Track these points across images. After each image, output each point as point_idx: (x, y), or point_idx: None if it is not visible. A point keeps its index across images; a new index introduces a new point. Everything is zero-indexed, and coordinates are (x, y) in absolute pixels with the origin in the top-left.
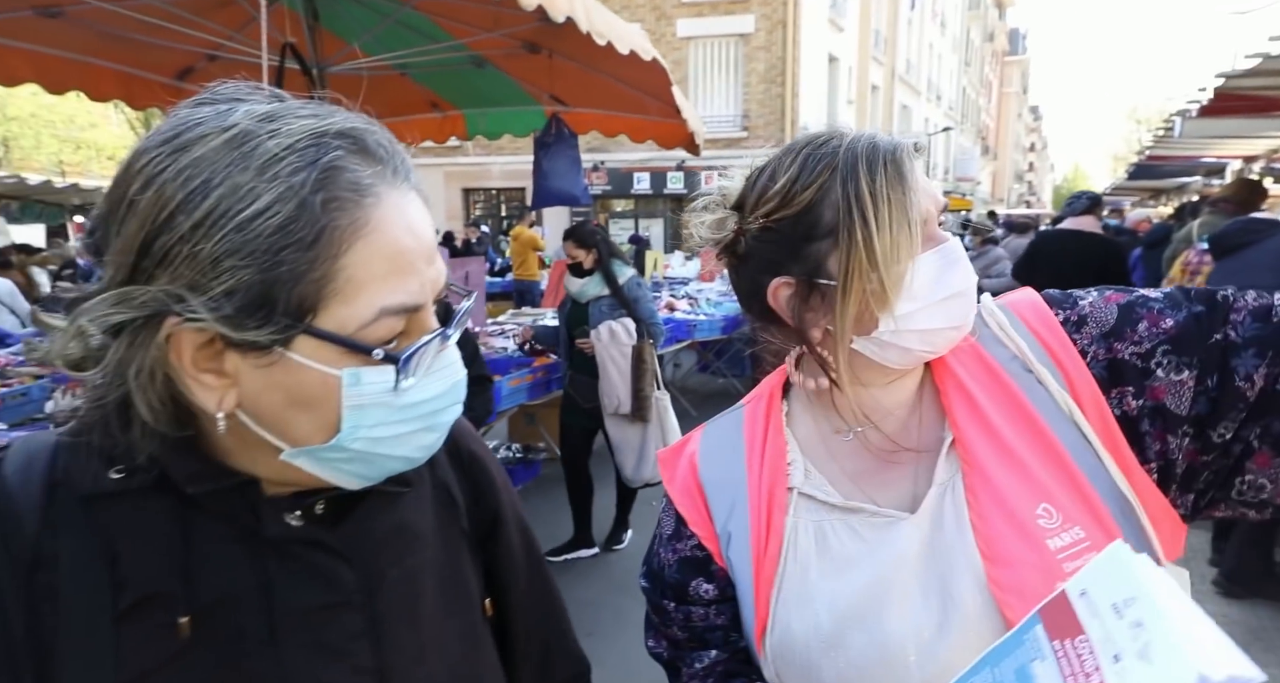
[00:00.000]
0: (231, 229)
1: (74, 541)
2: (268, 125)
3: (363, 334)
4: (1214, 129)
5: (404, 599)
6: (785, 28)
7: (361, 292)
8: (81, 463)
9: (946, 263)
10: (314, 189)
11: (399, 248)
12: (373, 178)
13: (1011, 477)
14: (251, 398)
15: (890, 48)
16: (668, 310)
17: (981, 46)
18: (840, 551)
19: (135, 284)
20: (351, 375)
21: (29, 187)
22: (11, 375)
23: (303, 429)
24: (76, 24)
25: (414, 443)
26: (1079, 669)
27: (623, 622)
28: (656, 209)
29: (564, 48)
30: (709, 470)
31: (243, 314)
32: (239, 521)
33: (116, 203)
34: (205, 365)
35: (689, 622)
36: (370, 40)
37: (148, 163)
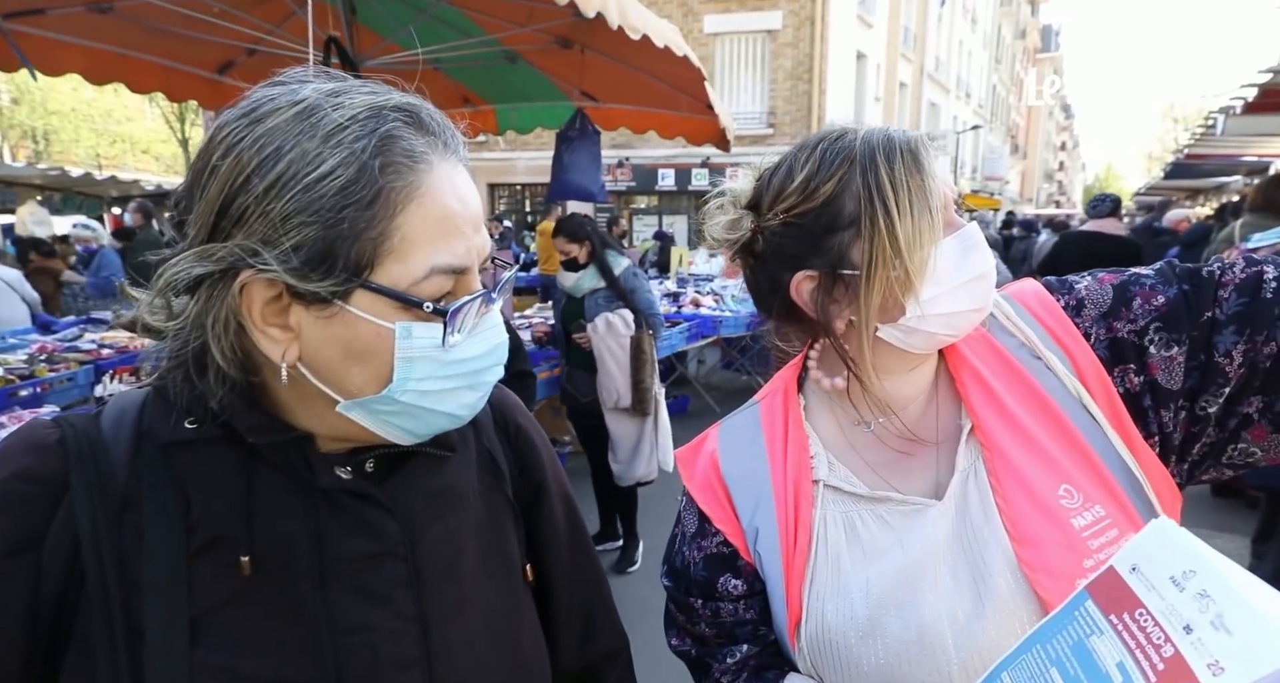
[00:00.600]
0: (300, 190)
1: (156, 487)
2: (333, 99)
3: (414, 290)
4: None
5: (444, 555)
6: (813, 24)
7: (414, 250)
8: (162, 414)
9: (967, 247)
10: (373, 154)
11: (448, 212)
12: (425, 147)
13: (1031, 460)
14: (312, 351)
15: (919, 45)
16: (693, 306)
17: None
18: (870, 539)
19: (214, 242)
20: (404, 329)
21: (71, 179)
22: (59, 361)
23: (356, 381)
24: (123, 18)
25: (458, 400)
26: (1145, 641)
27: (645, 612)
28: (681, 206)
29: (596, 43)
30: (731, 467)
31: (308, 267)
32: (295, 472)
33: (200, 171)
34: (272, 320)
35: (717, 618)
36: (405, 35)
37: (228, 134)
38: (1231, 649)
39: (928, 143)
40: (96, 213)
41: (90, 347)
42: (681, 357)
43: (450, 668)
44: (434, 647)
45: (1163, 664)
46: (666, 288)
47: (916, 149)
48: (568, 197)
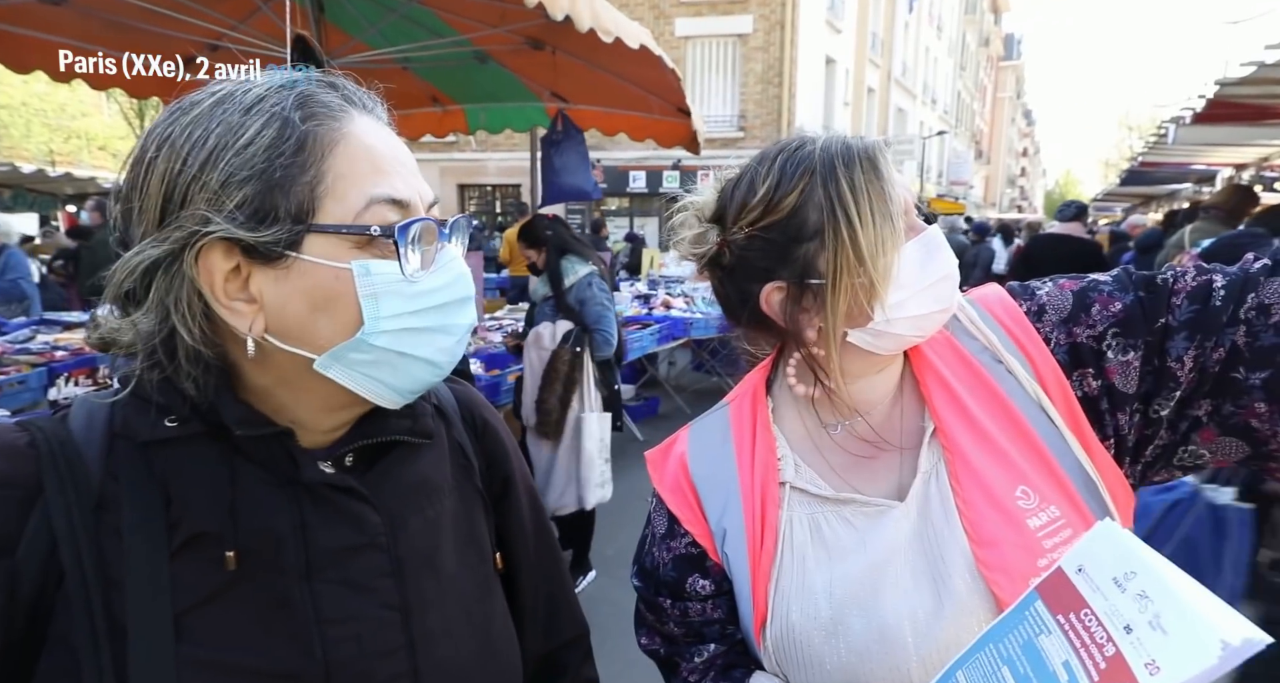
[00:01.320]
0: (231, 155)
1: (133, 486)
2: (246, 84)
3: (358, 222)
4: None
5: (424, 545)
6: (783, 29)
7: (350, 187)
8: (138, 414)
9: (929, 250)
10: (293, 109)
11: (376, 151)
12: (342, 103)
13: (991, 462)
14: (277, 314)
15: (887, 50)
16: (664, 308)
17: (977, 51)
18: (835, 540)
19: (163, 230)
20: (361, 266)
21: (22, 175)
22: (9, 364)
23: (325, 332)
24: (80, 11)
25: (434, 344)
26: (1089, 641)
27: (618, 615)
28: (652, 208)
29: (568, 44)
30: (699, 468)
31: (254, 221)
32: (278, 467)
33: (137, 173)
34: (235, 294)
35: (686, 617)
36: (374, 34)
37: (158, 132)
38: (1167, 650)
39: (884, 149)
40: (50, 210)
41: (43, 349)
42: (652, 359)
43: (431, 654)
44: (415, 634)
45: (1105, 664)
46: (638, 290)
47: (875, 156)
48: (563, 199)
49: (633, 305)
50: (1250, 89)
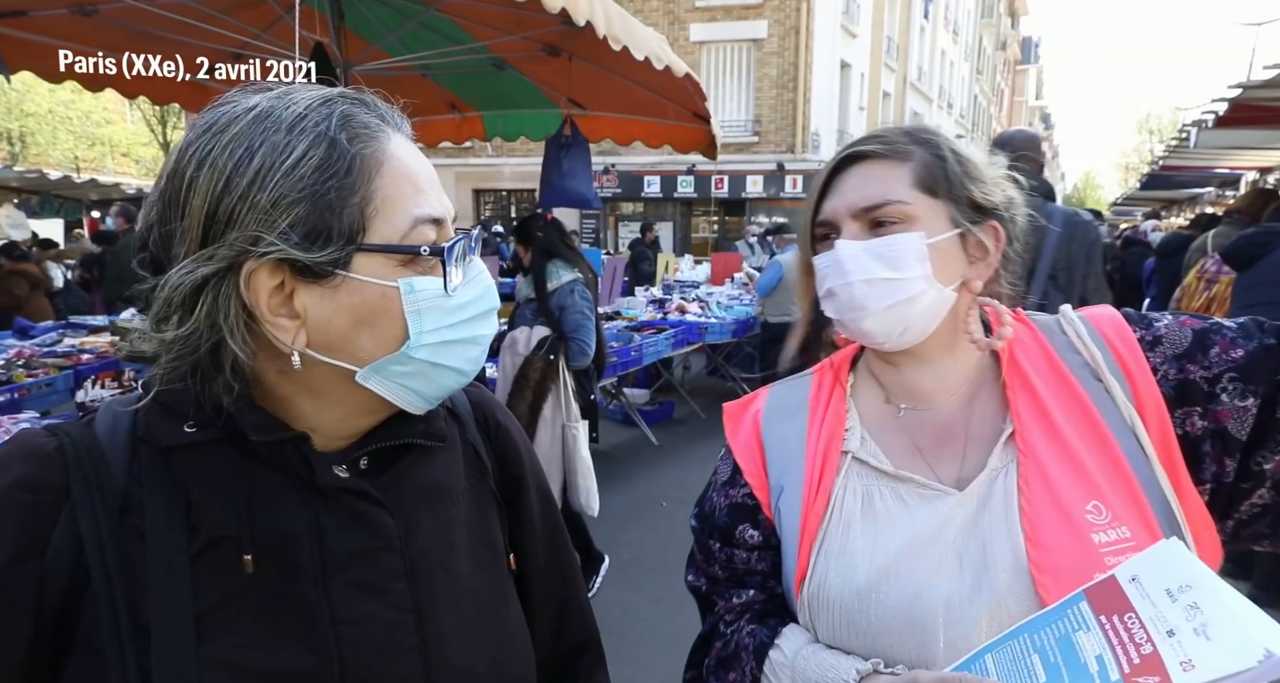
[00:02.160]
0: (281, 176)
1: (156, 490)
2: (283, 100)
3: (406, 241)
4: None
5: (438, 547)
6: (798, 33)
7: (396, 208)
8: (161, 420)
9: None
10: (338, 130)
11: (415, 171)
12: (378, 122)
13: (1066, 471)
14: (321, 329)
15: (902, 55)
16: (678, 313)
17: (994, 55)
18: (884, 513)
19: (208, 247)
20: (407, 284)
21: (49, 182)
22: (37, 366)
23: (368, 346)
24: (108, 21)
25: (464, 355)
26: (1128, 640)
27: (633, 619)
28: (666, 212)
29: (584, 51)
30: (770, 427)
31: (307, 241)
32: (294, 471)
33: (175, 193)
34: (279, 310)
35: (731, 563)
36: (393, 41)
37: (196, 150)
38: (1207, 652)
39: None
40: (75, 216)
41: (69, 351)
42: (667, 363)
43: (444, 654)
44: (429, 635)
45: (1139, 660)
46: (653, 294)
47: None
48: (564, 203)
49: (647, 310)
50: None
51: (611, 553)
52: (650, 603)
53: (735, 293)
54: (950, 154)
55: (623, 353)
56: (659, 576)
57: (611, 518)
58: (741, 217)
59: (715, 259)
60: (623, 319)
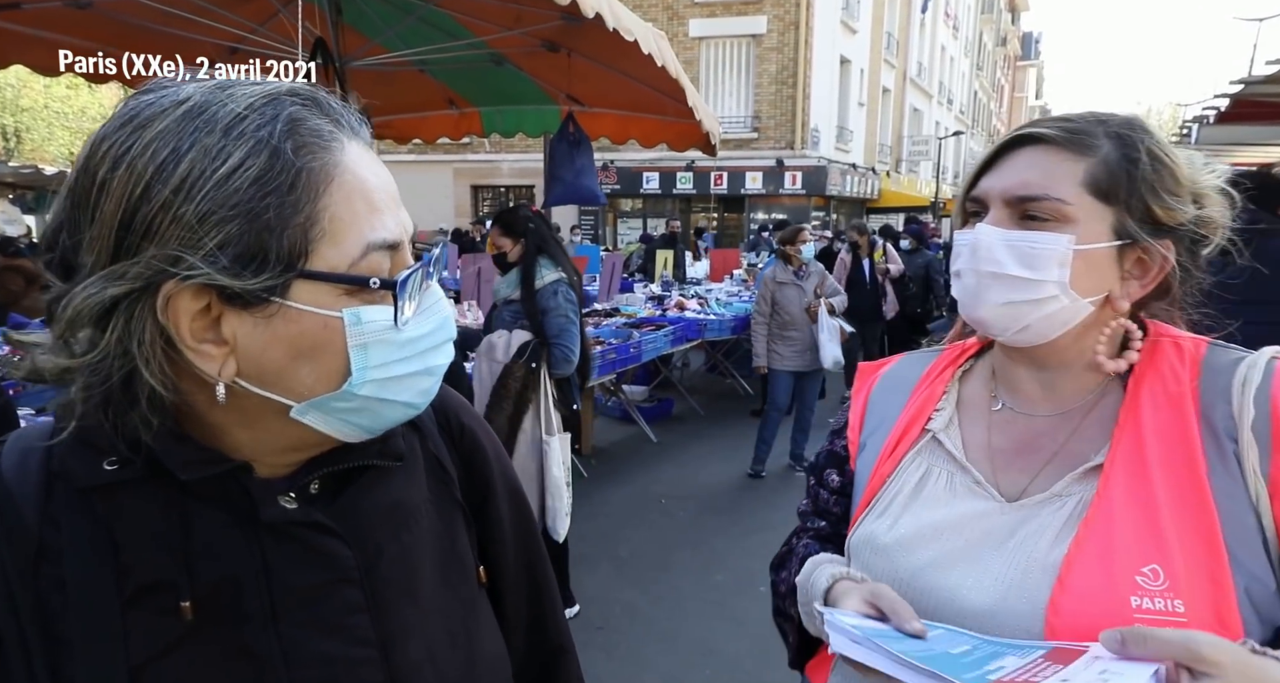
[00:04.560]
0: (211, 187)
1: (75, 533)
2: (221, 94)
3: (354, 271)
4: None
5: (401, 573)
6: (797, 29)
7: (347, 230)
8: (77, 456)
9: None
10: (282, 138)
11: (371, 186)
12: (331, 128)
13: (1136, 523)
14: (253, 359)
15: (902, 51)
16: (678, 310)
17: (994, 50)
18: (930, 493)
19: (121, 262)
20: (352, 315)
21: (45, 177)
22: None
23: (308, 380)
24: (103, 14)
25: (415, 387)
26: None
27: (631, 616)
28: (665, 209)
29: (583, 47)
30: (880, 391)
31: (239, 265)
32: (234, 505)
33: (84, 193)
34: (203, 335)
35: (816, 498)
36: (391, 36)
37: (111, 146)
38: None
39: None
40: None
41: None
42: (666, 360)
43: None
44: (396, 669)
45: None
46: (652, 291)
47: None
48: (571, 201)
49: (646, 307)
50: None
51: (609, 550)
52: (649, 602)
53: (734, 289)
54: (1146, 157)
55: (622, 350)
56: (658, 573)
57: (610, 515)
58: (741, 213)
59: (714, 256)
60: (622, 316)
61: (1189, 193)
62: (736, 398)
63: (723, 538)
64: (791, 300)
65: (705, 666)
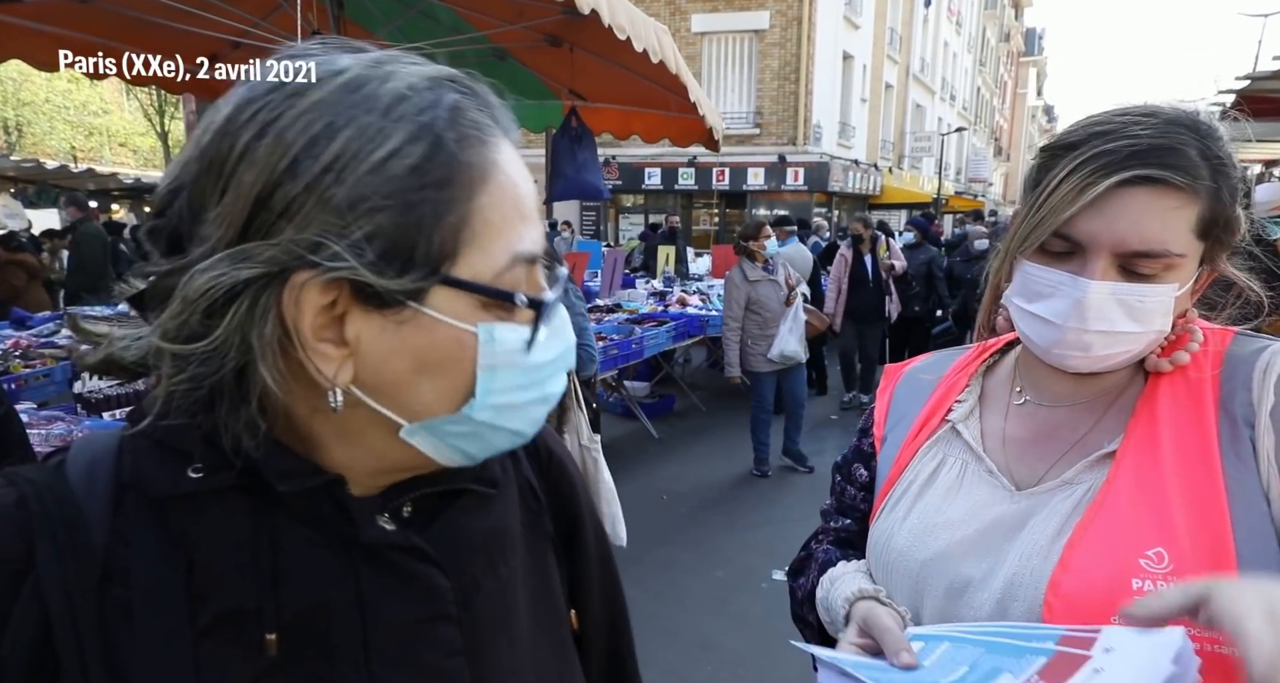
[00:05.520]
0: (366, 171)
1: (147, 552)
2: (379, 70)
3: (498, 282)
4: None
5: (498, 612)
6: (800, 24)
7: (496, 237)
8: (154, 462)
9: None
10: (444, 127)
11: (523, 192)
12: (489, 121)
13: (1144, 507)
14: (373, 367)
15: (905, 46)
16: (679, 305)
17: (997, 46)
18: (942, 482)
19: (252, 241)
20: (487, 332)
21: (46, 171)
22: (34, 356)
23: (426, 398)
24: (105, 7)
25: (529, 415)
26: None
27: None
28: (667, 205)
29: (586, 41)
30: (904, 387)
31: (383, 261)
32: (329, 525)
33: (221, 158)
34: (324, 333)
35: (841, 496)
36: (393, 30)
37: (260, 110)
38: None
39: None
40: None
41: (67, 342)
42: (668, 356)
43: None
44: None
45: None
46: (654, 287)
47: None
48: (575, 195)
49: (649, 303)
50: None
51: None
52: (651, 598)
53: None
54: (1240, 180)
55: (623, 346)
56: (659, 569)
57: None
58: (743, 209)
59: (716, 252)
60: (623, 312)
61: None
62: (738, 394)
63: (724, 534)
64: (769, 297)
65: (706, 661)
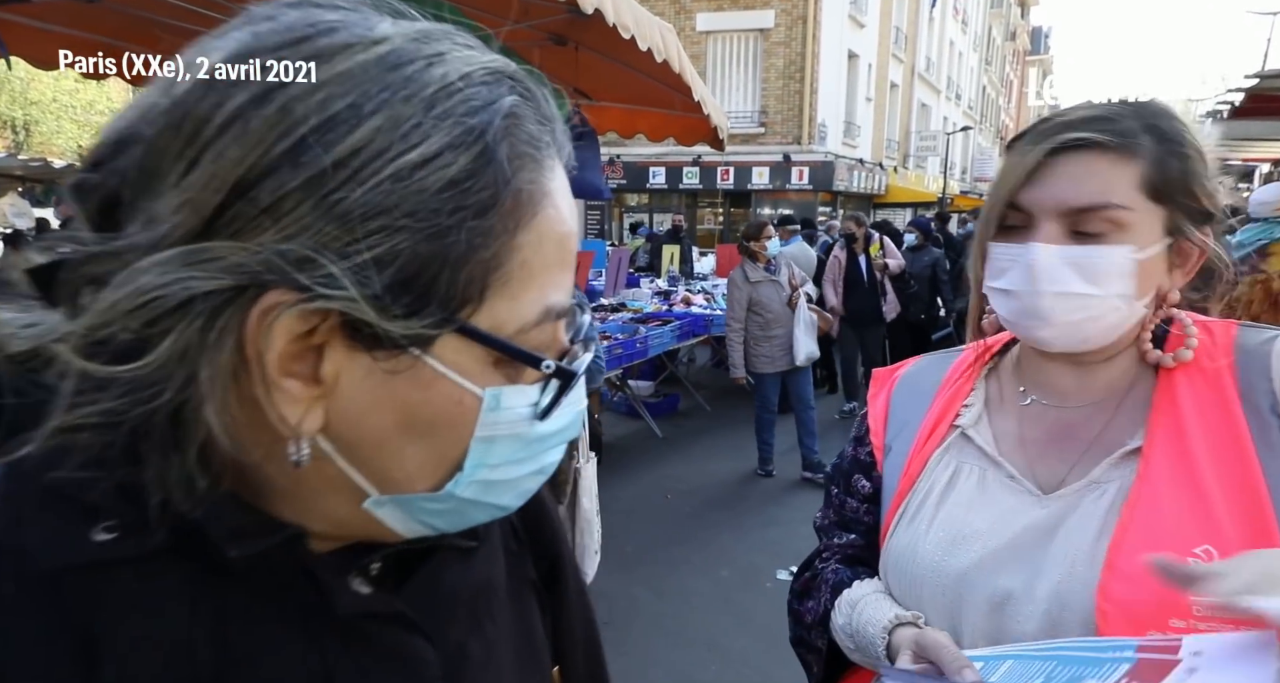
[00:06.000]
0: (390, 176)
1: (28, 648)
2: (427, 46)
3: (521, 340)
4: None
5: (488, 678)
6: (805, 23)
7: (531, 284)
8: (45, 518)
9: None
10: (498, 136)
11: (569, 231)
12: (548, 138)
13: (1185, 505)
14: (350, 417)
15: (910, 45)
16: (683, 305)
17: (1003, 45)
18: (963, 491)
19: (219, 240)
20: (493, 397)
21: (54, 170)
22: None
23: (409, 465)
24: (112, 7)
25: (519, 489)
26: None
27: (637, 612)
28: (671, 204)
29: (590, 40)
30: (900, 393)
31: (391, 295)
32: (289, 593)
33: (199, 118)
34: (292, 366)
35: (842, 508)
36: None
37: (262, 63)
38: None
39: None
40: None
41: None
42: (672, 355)
43: None
44: None
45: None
46: (658, 286)
47: None
48: (576, 195)
49: (652, 302)
50: None
51: (614, 546)
52: (654, 597)
53: None
54: (1194, 152)
55: (628, 345)
56: (662, 568)
57: (616, 511)
58: (747, 208)
59: (721, 251)
60: (628, 311)
61: (1218, 177)
62: (742, 393)
63: (729, 533)
64: (771, 298)
65: (712, 661)
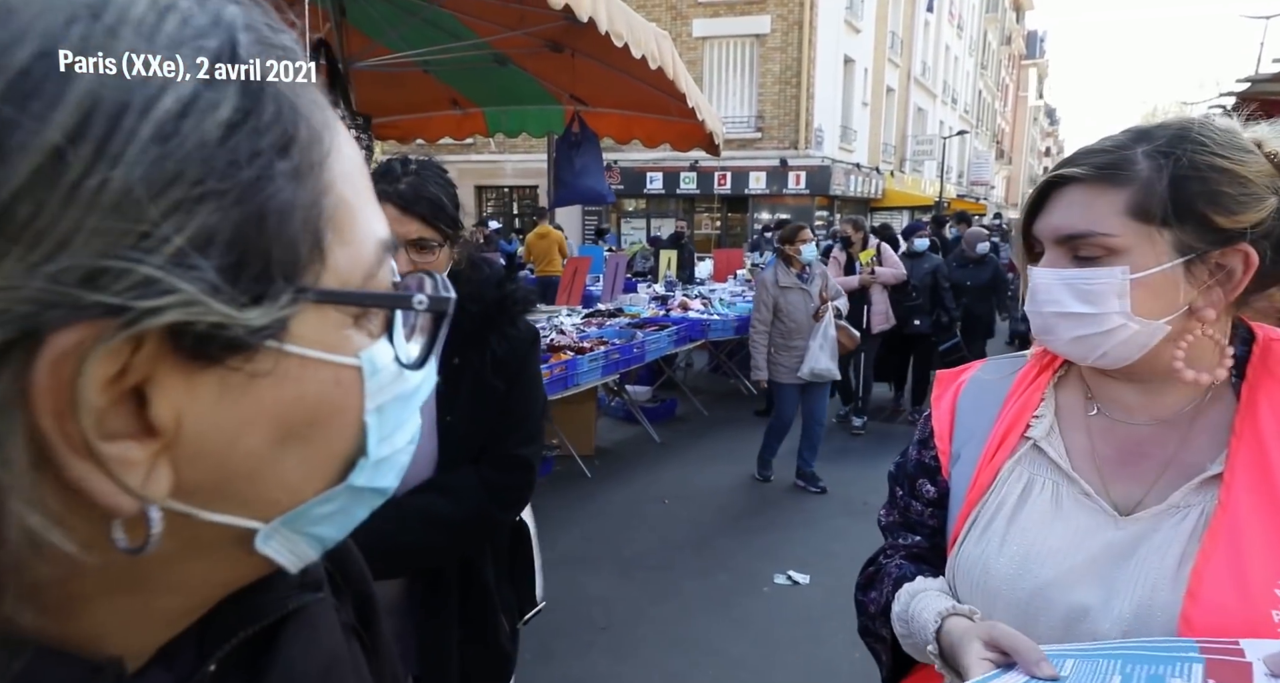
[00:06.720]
0: (151, 137)
1: None
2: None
3: (370, 286)
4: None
5: None
6: (801, 29)
7: (356, 219)
8: None
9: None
10: (252, 57)
11: (361, 160)
12: (289, 41)
13: (1269, 536)
14: (210, 458)
15: (906, 50)
16: (681, 310)
17: (999, 49)
18: (1036, 505)
19: None
20: (369, 361)
21: None
22: None
23: (293, 478)
24: None
25: (398, 464)
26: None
27: (634, 616)
28: (668, 209)
29: (586, 47)
30: (967, 399)
31: (227, 281)
32: None
33: None
34: (116, 424)
35: (907, 511)
36: (395, 37)
37: None
38: None
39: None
40: None
41: None
42: (670, 360)
43: None
44: None
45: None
46: (656, 291)
47: None
48: (578, 201)
49: (650, 307)
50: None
51: (612, 551)
52: (652, 602)
53: (738, 289)
54: (1192, 171)
55: (625, 350)
56: (661, 573)
57: (613, 516)
58: (744, 213)
59: (718, 256)
60: (625, 316)
61: (1267, 184)
62: (740, 398)
63: (726, 538)
64: (797, 307)
65: (709, 666)
